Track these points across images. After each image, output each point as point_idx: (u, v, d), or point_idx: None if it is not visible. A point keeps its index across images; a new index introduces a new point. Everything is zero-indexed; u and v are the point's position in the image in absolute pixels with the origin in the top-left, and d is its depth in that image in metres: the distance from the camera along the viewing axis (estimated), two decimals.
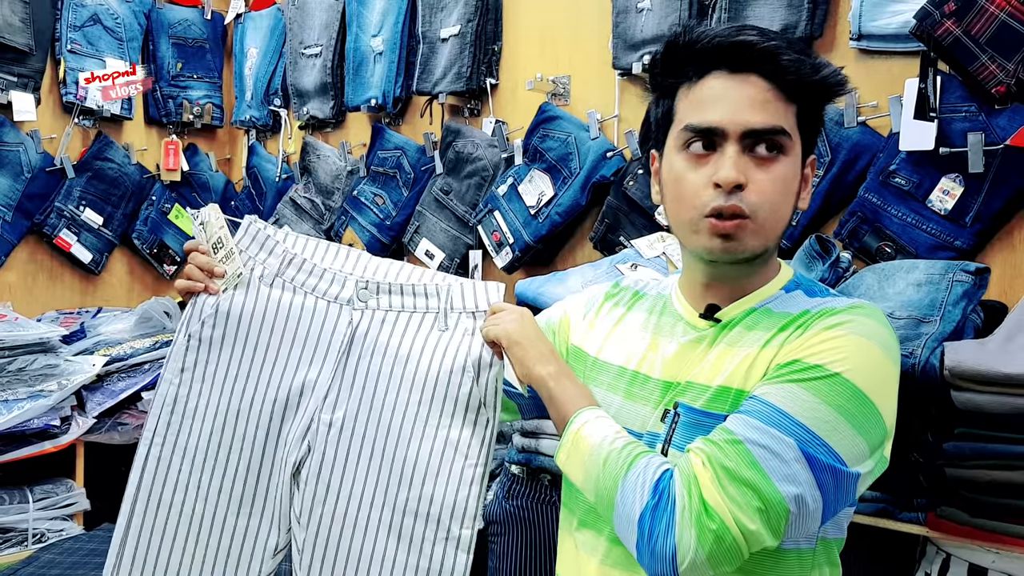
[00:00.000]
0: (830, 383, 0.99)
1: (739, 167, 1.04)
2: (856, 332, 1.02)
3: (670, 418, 1.10)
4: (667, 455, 1.07)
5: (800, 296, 1.13)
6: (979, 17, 1.72)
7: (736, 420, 1.00)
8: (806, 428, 0.97)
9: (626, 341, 1.23)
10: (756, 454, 0.96)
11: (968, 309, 1.64)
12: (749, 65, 1.06)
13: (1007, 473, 1.44)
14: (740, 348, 1.09)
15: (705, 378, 1.09)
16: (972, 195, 1.81)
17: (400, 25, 2.96)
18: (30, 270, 3.28)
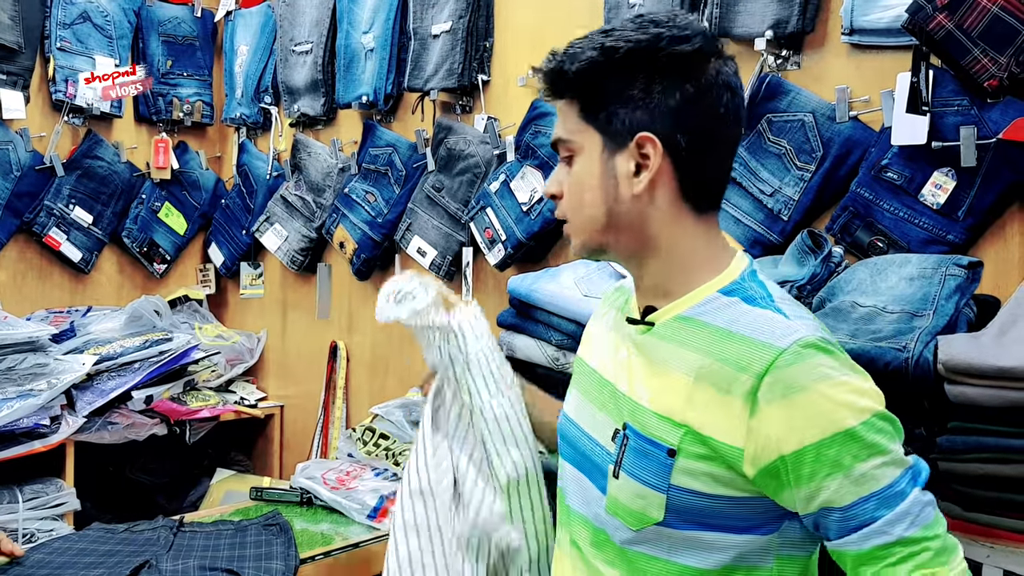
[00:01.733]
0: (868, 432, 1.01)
1: (555, 178, 1.17)
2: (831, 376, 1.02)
3: (619, 440, 1.12)
4: (618, 477, 1.10)
5: (737, 305, 1.09)
6: (971, 11, 1.71)
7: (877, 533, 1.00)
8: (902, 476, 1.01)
9: (601, 342, 1.27)
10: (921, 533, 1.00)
11: (961, 303, 1.63)
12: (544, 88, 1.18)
13: (1001, 467, 1.43)
14: (672, 369, 1.09)
15: (647, 399, 1.11)
16: (964, 189, 1.81)
17: (391, 22, 2.95)
18: (19, 269, 3.26)
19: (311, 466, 2.61)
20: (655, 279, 1.15)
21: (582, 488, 1.19)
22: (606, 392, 1.17)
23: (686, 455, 1.05)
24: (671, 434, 1.06)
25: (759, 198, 2.07)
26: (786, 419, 1.00)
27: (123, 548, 2.10)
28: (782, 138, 2.05)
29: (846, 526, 1.01)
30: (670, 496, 1.06)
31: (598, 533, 1.16)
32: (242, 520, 2.29)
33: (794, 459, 1.00)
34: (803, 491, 1.01)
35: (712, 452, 1.04)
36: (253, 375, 3.57)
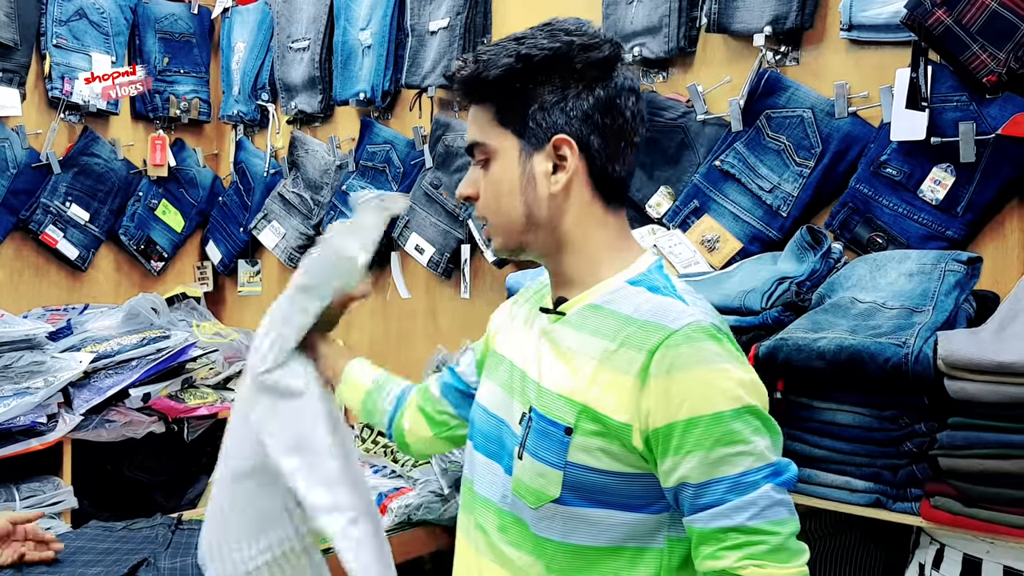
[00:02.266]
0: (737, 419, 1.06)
1: (470, 181, 1.22)
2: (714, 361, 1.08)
3: (525, 423, 1.18)
4: (522, 459, 1.16)
5: (637, 293, 1.16)
6: (970, 6, 1.71)
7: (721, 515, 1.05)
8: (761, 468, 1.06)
9: (511, 332, 1.32)
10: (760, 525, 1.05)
11: (960, 299, 1.64)
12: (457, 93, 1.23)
13: (1001, 462, 1.43)
14: (577, 354, 1.16)
15: (552, 383, 1.17)
16: (963, 185, 1.81)
17: (388, 18, 2.95)
18: (16, 267, 3.25)
19: None
20: (568, 272, 1.21)
21: (491, 473, 1.23)
22: (517, 378, 1.23)
23: (582, 432, 1.12)
24: (568, 413, 1.13)
25: (758, 194, 2.07)
26: (665, 394, 1.07)
27: (121, 546, 2.10)
28: (781, 134, 2.05)
29: (696, 503, 1.07)
30: (567, 473, 1.12)
31: (504, 516, 1.20)
32: None
33: (665, 432, 1.07)
34: (667, 463, 1.08)
35: (605, 428, 1.10)
36: None
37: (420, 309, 2.98)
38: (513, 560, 1.19)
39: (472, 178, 1.21)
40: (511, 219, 1.19)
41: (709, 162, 2.16)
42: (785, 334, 1.66)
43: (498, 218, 1.20)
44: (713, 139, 2.18)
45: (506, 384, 1.25)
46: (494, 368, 1.31)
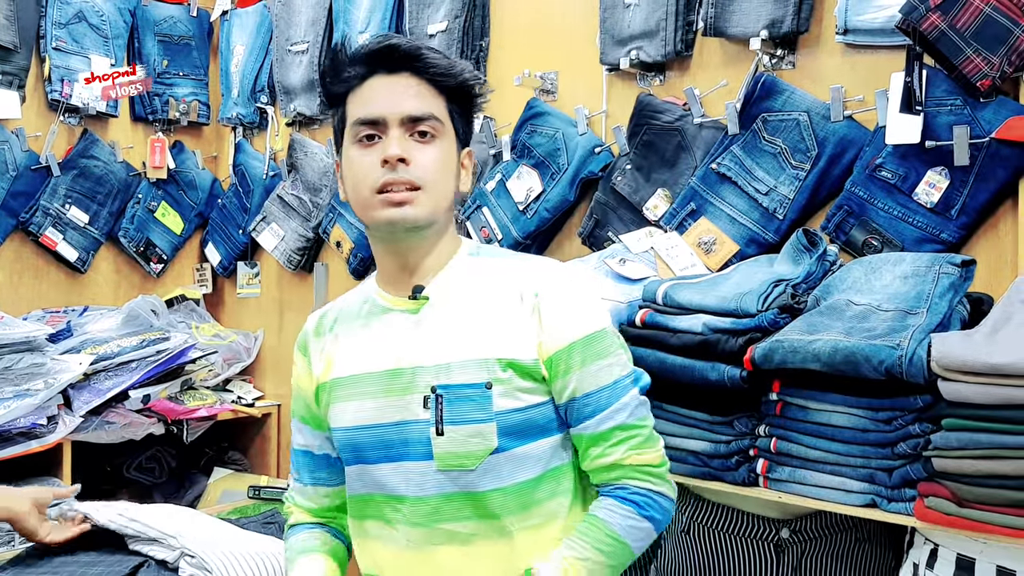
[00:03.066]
0: (604, 338, 1.32)
1: (402, 146, 1.28)
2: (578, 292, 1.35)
3: (433, 402, 1.29)
4: (444, 434, 1.28)
5: (485, 259, 1.38)
6: (964, 11, 1.73)
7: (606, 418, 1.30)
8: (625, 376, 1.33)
9: (349, 351, 1.39)
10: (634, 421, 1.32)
11: (955, 301, 1.65)
12: (401, 64, 1.31)
13: (995, 463, 1.44)
14: (461, 323, 1.31)
15: (447, 356, 1.30)
16: (958, 188, 1.82)
17: (387, 21, 2.96)
18: (16, 269, 3.26)
19: None
20: (426, 257, 1.35)
21: (407, 472, 1.32)
22: (394, 379, 1.32)
23: (499, 382, 1.28)
24: (482, 371, 1.28)
25: (754, 197, 2.09)
26: (555, 325, 1.30)
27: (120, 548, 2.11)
28: (777, 137, 2.06)
29: (584, 412, 1.30)
30: (498, 421, 1.27)
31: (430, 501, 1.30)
32: (240, 519, 2.29)
33: (556, 357, 1.29)
34: (557, 383, 1.30)
35: (517, 371, 1.28)
36: (250, 374, 3.57)
37: None
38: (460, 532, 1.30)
39: (404, 145, 1.29)
40: (447, 195, 1.34)
41: (706, 165, 2.17)
42: (781, 336, 1.67)
43: (433, 188, 1.30)
44: (710, 142, 2.20)
45: (379, 392, 1.33)
46: (346, 390, 1.37)
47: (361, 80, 1.33)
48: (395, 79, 1.32)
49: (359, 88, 1.33)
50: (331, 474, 1.51)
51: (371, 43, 1.33)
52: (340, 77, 1.35)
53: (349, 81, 1.34)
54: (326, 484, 1.52)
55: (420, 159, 1.29)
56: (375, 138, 1.30)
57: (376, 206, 1.29)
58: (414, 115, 1.30)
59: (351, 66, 1.34)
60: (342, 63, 1.34)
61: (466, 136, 1.39)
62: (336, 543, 1.52)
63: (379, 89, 1.32)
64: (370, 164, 1.29)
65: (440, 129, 1.32)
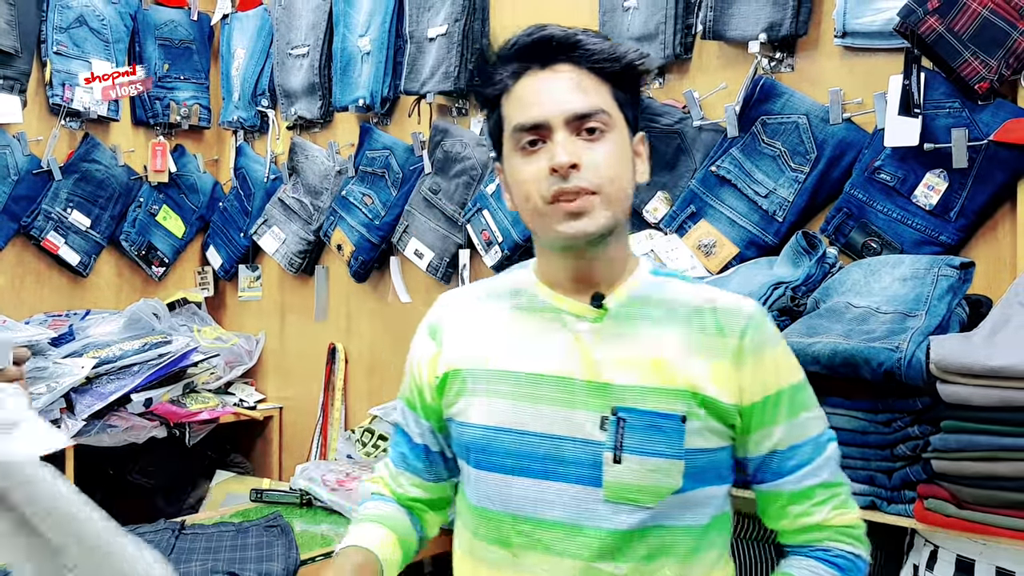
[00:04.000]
0: (806, 388, 1.22)
1: (570, 150, 1.12)
2: (780, 337, 1.23)
3: (613, 424, 1.14)
4: (621, 462, 1.14)
5: (674, 283, 1.24)
6: (962, 14, 1.73)
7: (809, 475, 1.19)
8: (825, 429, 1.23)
9: (497, 343, 1.24)
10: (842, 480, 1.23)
11: (953, 303, 1.65)
12: (556, 57, 1.16)
13: (993, 465, 1.45)
14: (649, 344, 1.17)
15: (636, 378, 1.15)
16: (956, 190, 1.83)
17: (387, 25, 2.96)
18: (17, 273, 3.26)
19: (310, 467, 2.63)
20: (605, 266, 1.20)
21: (549, 493, 1.17)
22: (566, 388, 1.17)
23: (693, 417, 1.14)
24: (677, 403, 1.14)
25: (754, 199, 2.09)
26: (759, 372, 1.17)
27: None
28: (776, 140, 2.07)
29: (785, 466, 1.18)
30: (687, 460, 1.14)
31: (585, 531, 1.15)
32: (243, 522, 2.30)
33: (761, 405, 1.17)
34: (758, 434, 1.18)
35: (711, 410, 1.15)
36: (252, 377, 3.58)
37: (420, 313, 2.95)
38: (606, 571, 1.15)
39: (572, 147, 1.13)
40: (626, 195, 1.18)
41: (705, 167, 2.18)
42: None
43: (611, 189, 1.14)
44: (709, 145, 2.20)
45: (542, 397, 1.18)
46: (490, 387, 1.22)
47: (514, 79, 1.18)
48: (552, 74, 1.16)
49: (513, 89, 1.18)
50: (426, 467, 1.37)
51: (521, 37, 1.19)
52: (490, 80, 1.20)
53: (500, 83, 1.19)
54: (415, 475, 1.38)
55: (592, 160, 1.13)
56: (539, 143, 1.15)
57: (550, 217, 1.14)
58: (579, 112, 1.14)
59: (500, 65, 1.20)
60: (490, 63, 1.21)
61: (636, 120, 1.22)
62: (408, 527, 1.37)
63: (536, 88, 1.16)
64: (537, 173, 1.14)
65: (609, 122, 1.15)
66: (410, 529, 1.38)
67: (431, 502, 1.40)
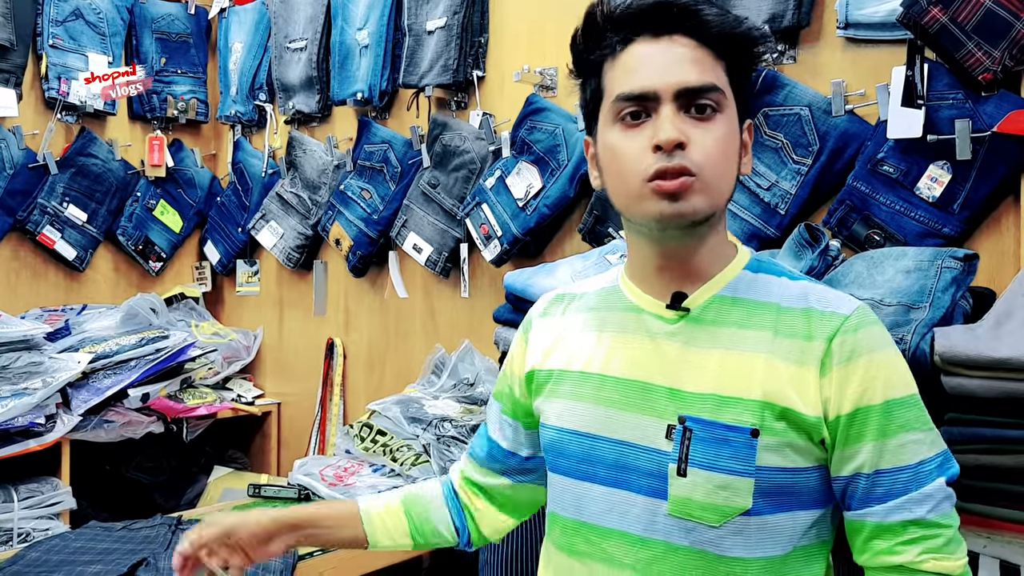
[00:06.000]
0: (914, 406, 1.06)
1: (677, 126, 1.03)
2: (888, 345, 1.08)
3: (678, 434, 1.06)
4: (686, 475, 1.05)
5: (769, 280, 1.12)
6: (965, 4, 1.72)
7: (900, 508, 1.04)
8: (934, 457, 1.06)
9: (579, 344, 1.20)
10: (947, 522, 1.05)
11: (957, 295, 1.64)
12: (672, 26, 1.06)
13: (997, 457, 1.44)
14: (731, 349, 1.08)
15: (709, 385, 1.07)
16: (960, 182, 1.81)
17: (386, 18, 2.95)
18: (13, 267, 3.25)
19: (309, 463, 2.61)
20: (698, 259, 1.12)
21: (619, 503, 1.11)
22: (638, 392, 1.11)
23: (769, 432, 1.04)
24: (749, 415, 1.04)
25: (756, 192, 2.08)
26: (848, 381, 1.04)
27: (121, 546, 2.11)
28: (779, 132, 2.06)
29: (872, 494, 1.04)
30: (759, 479, 1.04)
31: (656, 546, 1.08)
32: None
33: (848, 419, 1.04)
34: (843, 452, 1.05)
35: (792, 424, 1.04)
36: (250, 372, 3.56)
37: (418, 308, 2.99)
38: None
39: (679, 126, 1.03)
40: (728, 182, 1.08)
41: None
42: None
43: (714, 175, 1.05)
44: None
45: (612, 401, 1.13)
46: (567, 388, 1.18)
47: (624, 45, 1.08)
48: (666, 44, 1.06)
49: (620, 55, 1.08)
50: (488, 458, 1.35)
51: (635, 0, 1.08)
52: (596, 43, 1.10)
53: (607, 47, 1.09)
54: (477, 461, 1.37)
55: (701, 141, 1.04)
56: (642, 116, 1.05)
57: (647, 198, 1.04)
58: (692, 86, 1.04)
59: (610, 29, 1.09)
60: (598, 25, 1.10)
61: (747, 107, 1.13)
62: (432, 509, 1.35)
63: (647, 56, 1.06)
64: (639, 150, 1.04)
65: (723, 102, 1.06)
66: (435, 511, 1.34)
67: (487, 490, 1.36)
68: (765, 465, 1.04)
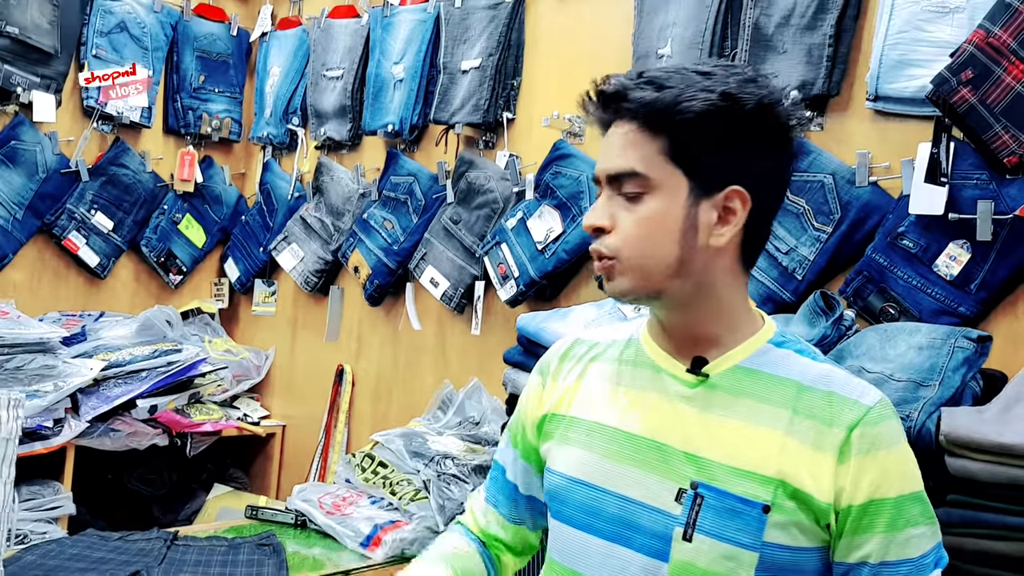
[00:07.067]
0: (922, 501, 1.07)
1: (603, 210, 1.09)
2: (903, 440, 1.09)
3: (688, 499, 1.06)
4: (691, 540, 1.05)
5: (792, 357, 1.12)
6: (995, 87, 1.73)
7: None
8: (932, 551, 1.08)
9: (597, 393, 1.20)
10: None
11: (968, 376, 1.63)
12: (616, 110, 1.09)
13: (997, 543, 1.42)
14: (749, 422, 1.07)
15: (725, 455, 1.07)
16: (979, 263, 1.81)
17: (422, 54, 2.99)
18: (36, 269, 3.29)
19: (308, 489, 2.61)
20: (704, 328, 1.12)
21: (616, 558, 1.11)
22: (650, 451, 1.11)
23: (779, 510, 1.04)
24: (763, 490, 1.04)
25: (774, 255, 2.08)
26: (865, 472, 1.04)
27: (115, 556, 2.11)
28: (801, 197, 2.06)
29: None
30: (763, 554, 1.04)
31: None
32: (236, 538, 2.29)
33: (860, 510, 1.04)
34: (852, 540, 1.05)
35: (802, 505, 1.04)
36: (258, 392, 3.58)
37: (430, 342, 2.99)
38: None
39: (608, 209, 1.08)
40: (657, 262, 1.07)
41: None
42: None
43: (639, 258, 1.07)
44: None
45: (626, 457, 1.12)
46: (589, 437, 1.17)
47: (605, 128, 1.13)
48: (615, 127, 1.10)
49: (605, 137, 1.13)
50: (510, 507, 1.35)
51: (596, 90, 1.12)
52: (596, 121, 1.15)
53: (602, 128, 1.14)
54: (500, 511, 1.36)
55: (623, 223, 1.07)
56: None
57: None
58: (612, 172, 1.08)
59: (593, 110, 1.13)
60: (589, 103, 1.14)
61: (723, 175, 1.07)
62: (475, 567, 1.32)
63: (606, 141, 1.11)
64: None
65: (647, 184, 1.06)
66: (478, 569, 1.33)
67: (510, 545, 1.36)
68: (771, 541, 1.04)
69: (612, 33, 2.53)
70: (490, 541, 1.36)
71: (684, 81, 1.06)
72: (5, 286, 3.18)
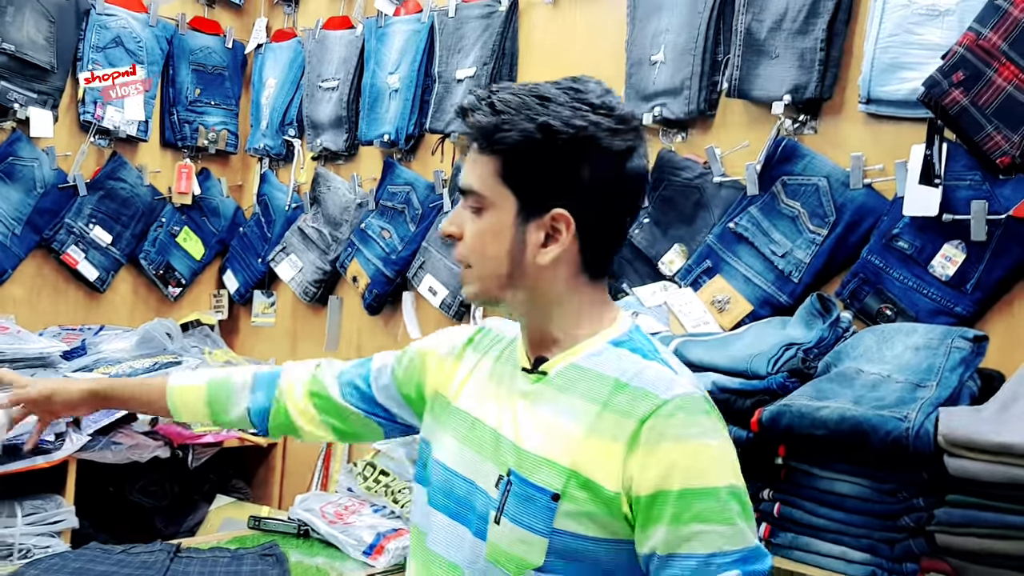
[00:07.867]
0: (714, 498, 1.04)
1: (455, 219, 1.17)
2: (703, 436, 1.07)
3: (503, 485, 1.14)
4: (499, 523, 1.12)
5: (623, 356, 1.14)
6: (986, 88, 1.74)
7: None
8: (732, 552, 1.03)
9: (476, 387, 1.27)
10: None
11: (965, 376, 1.64)
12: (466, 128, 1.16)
13: (998, 542, 1.43)
14: (561, 416, 1.13)
15: (534, 445, 1.13)
16: (974, 263, 1.82)
17: (417, 64, 3.01)
18: (36, 284, 3.29)
19: (310, 498, 2.61)
20: (546, 331, 1.18)
21: (456, 535, 1.19)
22: (488, 439, 1.19)
23: (569, 499, 1.09)
24: (555, 478, 1.10)
25: (770, 259, 2.09)
26: (652, 463, 1.05)
27: (119, 570, 2.11)
28: (796, 201, 2.08)
29: (661, 573, 1.05)
30: (552, 540, 1.09)
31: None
32: (239, 548, 2.29)
33: (648, 500, 1.05)
34: (643, 531, 1.07)
35: (594, 496, 1.08)
36: None
37: None
38: None
39: (458, 219, 1.17)
40: (493, 274, 1.15)
41: (723, 224, 2.18)
42: (789, 400, 1.67)
43: (480, 267, 1.16)
44: (728, 201, 2.21)
45: (473, 443, 1.20)
46: (456, 423, 1.25)
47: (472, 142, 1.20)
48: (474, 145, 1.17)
49: None
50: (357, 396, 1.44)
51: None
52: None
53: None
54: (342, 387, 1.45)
55: (466, 235, 1.16)
56: None
57: None
58: (461, 188, 1.17)
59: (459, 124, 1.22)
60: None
61: (546, 198, 1.11)
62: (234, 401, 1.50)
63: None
64: None
65: (484, 202, 1.13)
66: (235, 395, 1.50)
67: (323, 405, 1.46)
68: (562, 528, 1.09)
69: (605, 40, 2.54)
70: (309, 395, 1.47)
71: (519, 106, 1.10)
72: (5, 301, 3.19)
